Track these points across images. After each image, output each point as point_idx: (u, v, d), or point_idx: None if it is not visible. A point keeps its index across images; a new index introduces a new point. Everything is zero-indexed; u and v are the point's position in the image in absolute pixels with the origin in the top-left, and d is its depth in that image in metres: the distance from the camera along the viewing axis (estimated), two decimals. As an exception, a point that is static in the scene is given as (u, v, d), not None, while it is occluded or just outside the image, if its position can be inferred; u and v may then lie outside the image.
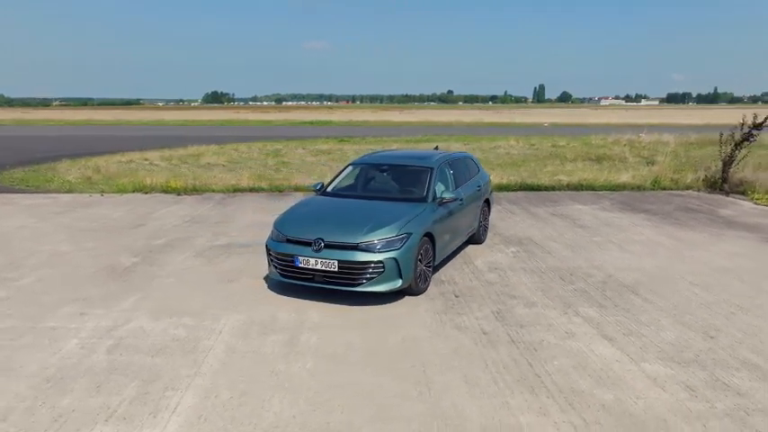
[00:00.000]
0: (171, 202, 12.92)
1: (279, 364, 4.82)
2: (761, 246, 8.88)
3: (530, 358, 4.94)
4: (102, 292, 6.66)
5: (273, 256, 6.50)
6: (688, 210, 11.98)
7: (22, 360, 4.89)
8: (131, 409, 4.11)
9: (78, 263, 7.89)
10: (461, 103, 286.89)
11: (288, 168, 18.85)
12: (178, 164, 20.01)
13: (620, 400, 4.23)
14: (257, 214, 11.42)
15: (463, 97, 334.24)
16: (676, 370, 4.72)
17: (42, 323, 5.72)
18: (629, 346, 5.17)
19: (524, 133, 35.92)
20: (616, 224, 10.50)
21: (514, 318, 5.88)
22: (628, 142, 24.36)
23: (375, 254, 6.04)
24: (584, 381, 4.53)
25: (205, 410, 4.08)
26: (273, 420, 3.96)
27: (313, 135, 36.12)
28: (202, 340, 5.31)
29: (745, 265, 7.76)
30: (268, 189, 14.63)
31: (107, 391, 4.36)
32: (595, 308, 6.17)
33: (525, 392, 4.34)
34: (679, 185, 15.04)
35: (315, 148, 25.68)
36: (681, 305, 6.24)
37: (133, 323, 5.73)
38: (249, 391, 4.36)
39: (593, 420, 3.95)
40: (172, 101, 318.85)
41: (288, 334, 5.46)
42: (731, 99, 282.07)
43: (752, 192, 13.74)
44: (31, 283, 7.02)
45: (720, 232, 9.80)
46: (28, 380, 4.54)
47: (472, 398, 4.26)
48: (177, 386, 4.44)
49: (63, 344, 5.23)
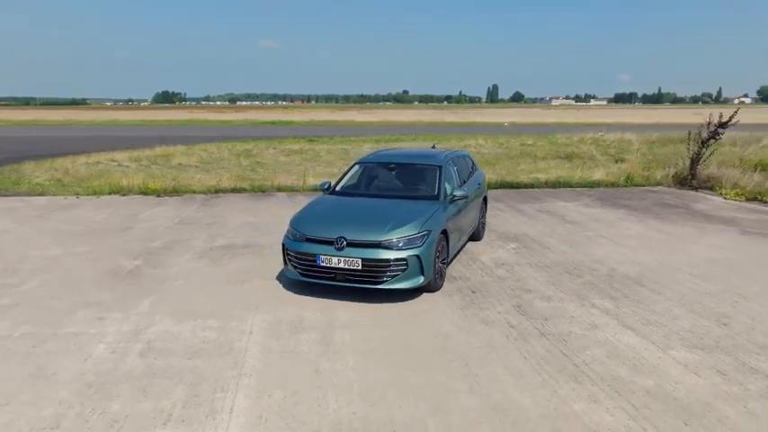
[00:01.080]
0: (153, 203, 12.63)
1: (321, 363, 4.83)
2: (741, 238, 9.35)
3: (563, 349, 5.10)
4: (113, 296, 6.50)
5: (293, 255, 6.47)
6: (665, 205, 12.49)
7: (53, 367, 4.75)
8: (186, 412, 4.05)
9: (77, 267, 7.66)
10: (417, 103, 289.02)
11: (264, 168, 18.66)
12: (148, 165, 19.54)
13: (661, 386, 4.43)
14: (246, 215, 11.30)
15: (418, 97, 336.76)
16: (702, 356, 4.96)
17: (62, 329, 5.55)
18: (652, 335, 5.40)
19: (487, 132, 36.51)
20: (603, 219, 10.86)
21: (536, 311, 6.05)
22: (593, 141, 25.11)
23: (398, 251, 6.10)
24: (621, 369, 4.71)
25: (263, 410, 4.07)
26: (335, 417, 3.98)
27: (278, 135, 35.78)
28: (235, 341, 5.26)
29: (733, 257, 8.17)
30: (250, 189, 14.46)
31: (155, 395, 4.28)
32: (608, 300, 6.39)
33: (570, 382, 4.49)
34: (650, 182, 15.64)
35: (285, 147, 25.48)
36: (687, 295, 6.53)
37: (157, 326, 5.62)
38: (300, 390, 4.36)
39: (643, 405, 4.13)
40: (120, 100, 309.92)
41: (319, 333, 5.47)
42: (674, 99, 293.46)
43: (719, 187, 14.40)
44: (35, 288, 6.78)
45: (702, 226, 10.27)
46: (68, 386, 4.42)
47: (521, 389, 4.38)
48: (225, 387, 4.40)
49: (91, 349, 5.09)
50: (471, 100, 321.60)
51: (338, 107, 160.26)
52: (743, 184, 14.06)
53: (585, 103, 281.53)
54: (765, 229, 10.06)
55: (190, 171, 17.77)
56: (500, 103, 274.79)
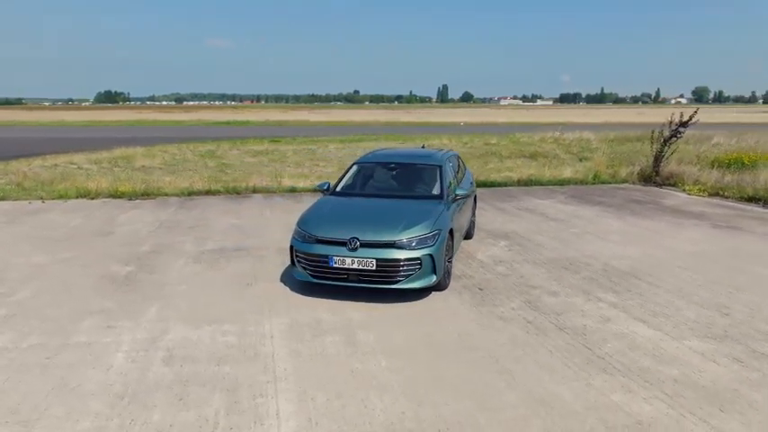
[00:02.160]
0: (127, 207, 12.25)
1: (353, 364, 4.82)
2: (715, 232, 9.81)
3: (584, 342, 5.25)
4: (115, 303, 6.29)
5: (303, 257, 6.42)
6: (636, 201, 12.97)
7: (75, 378, 4.56)
8: (232, 419, 3.98)
9: (67, 274, 7.37)
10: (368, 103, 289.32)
11: (232, 170, 18.32)
12: (110, 167, 18.89)
13: (686, 374, 4.63)
14: (229, 217, 11.10)
15: (369, 97, 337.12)
16: (716, 345, 5.20)
17: (72, 338, 5.34)
18: (663, 326, 5.62)
19: (443, 132, 36.95)
20: (583, 216, 11.19)
21: (546, 306, 6.20)
22: (554, 140, 25.78)
23: (411, 251, 6.14)
24: (644, 359, 4.89)
25: (310, 414, 4.03)
26: (385, 418, 3.98)
27: (236, 135, 35.16)
28: (259, 346, 5.19)
29: (713, 250, 8.57)
30: (224, 191, 14.19)
31: (194, 403, 4.18)
32: (611, 294, 6.61)
33: (601, 373, 4.64)
34: (616, 179, 16.20)
35: (249, 148, 25.09)
36: (683, 287, 6.82)
37: (173, 333, 5.48)
38: (343, 392, 4.34)
39: (676, 393, 4.30)
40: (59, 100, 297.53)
41: (341, 334, 5.45)
42: (616, 99, 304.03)
43: (681, 183, 15.07)
44: (30, 297, 6.49)
45: (676, 221, 10.72)
46: (98, 398, 4.26)
47: (557, 382, 4.49)
48: (264, 392, 4.34)
49: (109, 359, 4.92)
50: (422, 100, 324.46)
51: (290, 107, 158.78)
52: (703, 181, 14.74)
53: (532, 103, 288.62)
54: (733, 222, 10.59)
55: (156, 173, 17.28)
56: (450, 103, 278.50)
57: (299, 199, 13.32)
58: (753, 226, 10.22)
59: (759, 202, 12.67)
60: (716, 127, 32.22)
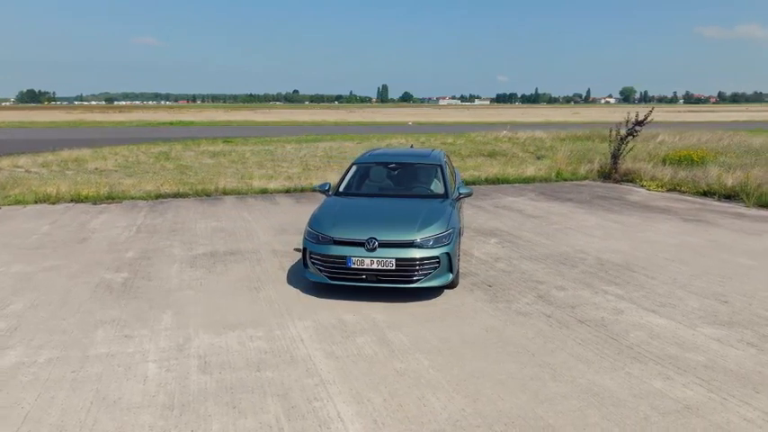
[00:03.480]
0: (95, 212, 11.73)
1: (395, 364, 4.83)
2: (686, 225, 10.36)
3: (607, 333, 5.46)
4: (123, 312, 6.04)
5: (319, 258, 6.35)
6: (603, 197, 13.50)
7: (113, 391, 4.37)
8: (296, 424, 3.91)
9: (58, 283, 7.01)
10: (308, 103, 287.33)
11: (194, 172, 17.82)
12: (61, 170, 18.02)
13: (712, 359, 4.89)
14: (208, 220, 10.83)
15: (309, 97, 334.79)
16: (727, 331, 5.52)
17: (91, 350, 5.10)
18: (673, 316, 5.91)
19: (395, 132, 37.25)
20: (558, 213, 11.56)
21: (559, 300, 6.39)
22: (509, 139, 26.43)
23: (429, 250, 6.19)
24: (669, 347, 5.14)
25: (373, 415, 4.02)
26: (448, 415, 4.02)
27: (185, 136, 34.17)
28: (293, 350, 5.11)
29: (692, 242, 9.05)
30: (193, 194, 13.81)
31: (250, 411, 4.09)
32: (614, 286, 6.89)
33: (635, 362, 4.83)
34: (577, 176, 16.80)
35: (204, 149, 24.45)
36: (677, 278, 7.18)
37: (197, 340, 5.32)
38: (396, 392, 4.34)
39: (710, 378, 4.55)
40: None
41: (372, 335, 5.44)
42: (549, 99, 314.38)
43: (639, 179, 15.79)
44: (27, 309, 6.14)
45: (647, 215, 11.25)
46: (146, 410, 4.10)
47: (597, 373, 4.65)
48: (317, 396, 4.29)
49: (140, 369, 4.73)
50: (362, 100, 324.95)
51: (230, 107, 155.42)
52: (659, 177, 15.50)
53: (471, 103, 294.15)
54: (699, 216, 11.20)
55: (113, 176, 16.61)
56: (390, 103, 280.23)
57: (273, 200, 13.13)
58: (718, 219, 10.84)
59: (714, 196, 13.44)
60: (656, 126, 33.78)
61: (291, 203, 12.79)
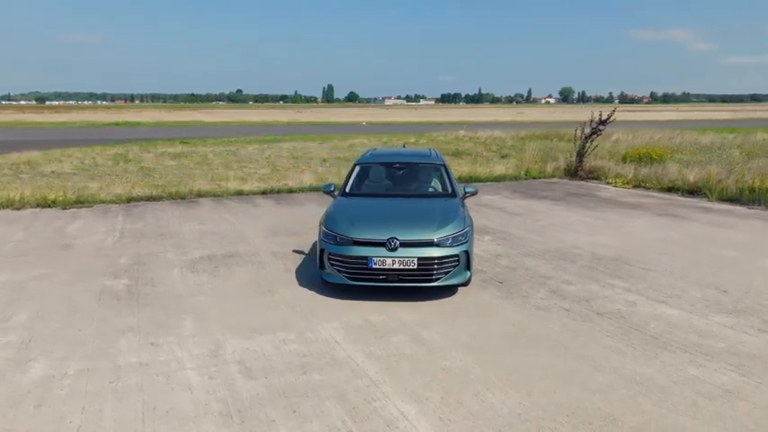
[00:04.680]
0: (68, 217, 11.25)
1: (440, 362, 4.88)
2: (662, 220, 10.85)
3: (629, 325, 5.68)
4: (141, 320, 5.84)
5: (338, 259, 6.32)
6: (576, 195, 13.96)
7: (161, 401, 4.24)
8: (364, 426, 3.91)
9: (56, 292, 6.71)
10: (252, 103, 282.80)
11: (159, 174, 17.30)
12: (15, 173, 17.15)
13: (733, 345, 5.17)
14: (192, 224, 10.57)
15: (253, 96, 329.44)
16: (736, 319, 5.84)
17: (120, 360, 4.92)
18: (683, 306, 6.20)
19: (353, 132, 37.23)
20: (538, 210, 11.88)
21: (571, 294, 6.60)
22: (470, 138, 26.88)
23: (449, 248, 6.27)
24: (689, 335, 5.40)
25: (437, 414, 4.06)
26: (508, 410, 4.10)
27: (136, 137, 33.02)
28: (331, 351, 5.09)
29: (674, 236, 9.50)
30: (167, 197, 13.41)
31: (312, 414, 4.05)
32: (618, 279, 7.16)
33: (665, 351, 5.06)
34: (545, 174, 17.29)
35: (163, 151, 23.74)
36: (673, 271, 7.53)
37: (229, 346, 5.21)
38: (451, 390, 4.39)
39: (738, 363, 4.81)
40: None
41: (405, 334, 5.47)
42: (492, 99, 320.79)
43: (604, 177, 16.40)
44: (34, 320, 5.85)
45: (622, 211, 11.71)
46: (204, 419, 3.99)
47: (635, 362, 4.84)
48: (374, 397, 4.29)
49: (181, 378, 4.61)
50: (307, 99, 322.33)
51: (173, 107, 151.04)
52: (623, 174, 16.13)
53: (416, 103, 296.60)
54: (670, 211, 11.75)
55: (74, 179, 15.94)
56: (336, 103, 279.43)
57: (252, 202, 12.91)
58: (690, 213, 11.41)
59: (678, 191, 14.11)
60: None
61: (272, 205, 12.62)
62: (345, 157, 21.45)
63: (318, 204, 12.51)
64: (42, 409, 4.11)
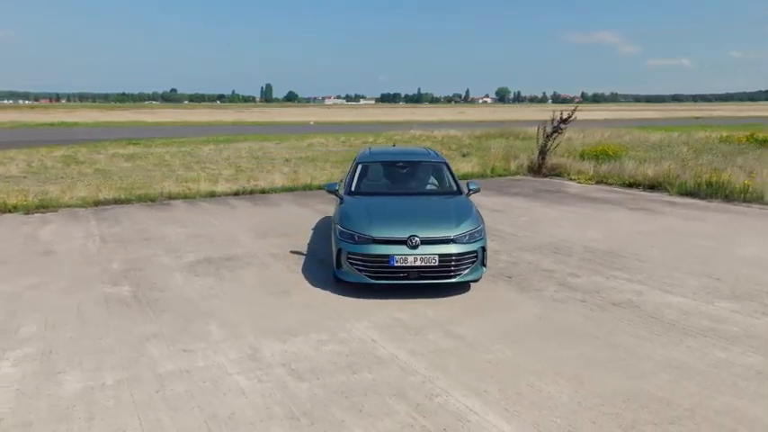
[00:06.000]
0: (34, 222, 10.68)
1: (482, 355, 4.97)
2: (636, 214, 11.36)
3: (646, 313, 5.94)
4: (162, 326, 5.65)
5: (359, 258, 6.30)
6: (546, 191, 14.41)
7: (218, 408, 4.13)
8: (436, 420, 3.95)
9: (57, 301, 6.40)
10: (187, 102, 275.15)
11: (118, 177, 16.62)
12: (-42, 178, 16.05)
13: (746, 329, 5.51)
14: (174, 227, 10.25)
15: (188, 96, 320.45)
16: (738, 304, 6.21)
17: (157, 368, 4.75)
18: (686, 294, 6.55)
19: (296, 132, 36.93)
20: (516, 206, 12.19)
21: (581, 286, 6.84)
22: (426, 137, 27.17)
23: (468, 245, 6.38)
24: (702, 321, 5.71)
25: (502, 405, 4.14)
26: (567, 399, 4.23)
27: (77, 139, 31.45)
28: (372, 350, 5.09)
29: (652, 229, 9.97)
30: (135, 200, 12.92)
31: (379, 412, 4.05)
32: (617, 271, 7.47)
33: (687, 337, 5.33)
34: (510, 172, 17.73)
35: (113, 152, 22.79)
36: (665, 262, 7.92)
37: (266, 349, 5.12)
38: (504, 382, 4.49)
39: (758, 345, 5.14)
40: None
41: (438, 331, 5.53)
42: (432, 99, 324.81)
43: (567, 173, 16.98)
44: (46, 330, 5.56)
45: (597, 206, 12.19)
46: (270, 422, 3.93)
47: (664, 348, 5.09)
48: (433, 392, 4.34)
49: (229, 383, 4.50)
50: (245, 99, 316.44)
51: (104, 107, 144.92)
52: (585, 171, 16.76)
53: (357, 102, 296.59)
54: (639, 205, 12.32)
55: (26, 183, 15.12)
56: (275, 102, 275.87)
57: (227, 204, 12.64)
58: (659, 207, 12.00)
59: (639, 186, 14.80)
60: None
61: (249, 206, 12.38)
62: (308, 157, 21.29)
63: (296, 205, 12.41)
64: (96, 422, 3.93)
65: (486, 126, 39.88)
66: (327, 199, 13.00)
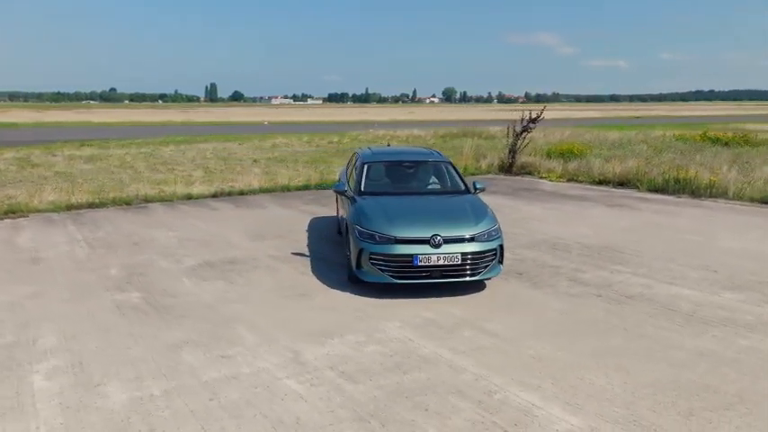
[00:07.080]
0: (7, 228, 10.15)
1: (523, 351, 5.06)
2: (615, 210, 11.77)
3: (662, 305, 6.17)
4: (190, 333, 5.49)
5: (382, 258, 6.29)
6: (523, 189, 14.73)
7: (281, 414, 4.05)
8: (504, 416, 4.00)
9: (65, 310, 6.11)
10: (127, 102, 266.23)
11: (83, 179, 15.92)
12: None
13: (758, 318, 5.82)
14: (162, 231, 9.94)
15: (128, 95, 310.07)
16: (742, 294, 6.54)
17: (201, 376, 4.62)
18: (692, 286, 6.84)
19: (251, 132, 36.42)
20: (503, 205, 12.33)
21: (591, 281, 7.04)
22: (391, 137, 27.24)
23: (488, 243, 6.48)
24: (718, 311, 5.99)
25: (561, 398, 4.23)
26: (622, 389, 4.36)
27: (25, 140, 29.93)
28: (414, 350, 5.10)
29: (638, 225, 10.35)
30: (110, 203, 12.44)
31: (446, 411, 4.07)
32: (620, 265, 7.73)
33: (708, 326, 5.58)
34: (481, 171, 18.01)
35: (70, 154, 21.82)
36: (660, 255, 8.25)
37: (307, 353, 5.05)
38: (555, 376, 4.58)
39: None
40: None
41: (471, 328, 5.59)
42: (379, 99, 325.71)
43: (537, 172, 17.39)
44: (67, 341, 5.31)
45: (577, 203, 12.56)
46: (340, 425, 3.88)
47: (691, 338, 5.31)
48: (490, 388, 4.39)
49: (282, 388, 4.43)
50: (189, 99, 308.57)
51: (39, 106, 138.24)
52: (554, 169, 17.22)
53: (304, 102, 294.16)
54: (615, 201, 12.76)
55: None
56: (220, 102, 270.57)
57: (209, 206, 12.34)
58: (634, 203, 12.47)
59: (609, 183, 15.32)
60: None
61: (231, 208, 12.13)
62: (276, 158, 21.01)
63: (280, 206, 12.25)
64: (159, 434, 3.79)
65: (437, 125, 40.39)
66: (309, 200, 12.93)
